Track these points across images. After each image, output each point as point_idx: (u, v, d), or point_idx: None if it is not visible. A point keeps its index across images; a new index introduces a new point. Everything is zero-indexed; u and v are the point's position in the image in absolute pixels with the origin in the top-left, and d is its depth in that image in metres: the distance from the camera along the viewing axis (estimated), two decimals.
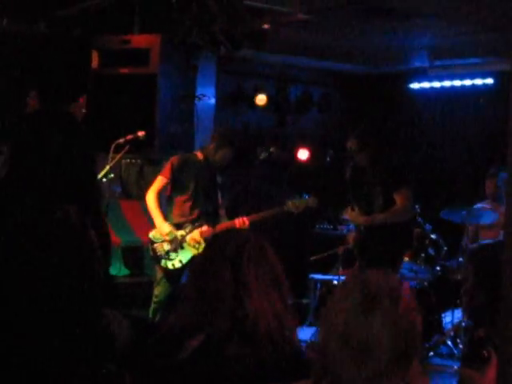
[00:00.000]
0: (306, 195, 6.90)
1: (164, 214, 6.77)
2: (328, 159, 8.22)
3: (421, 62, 9.54)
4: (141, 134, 6.60)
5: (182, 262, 6.69)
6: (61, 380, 2.15)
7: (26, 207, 2.42)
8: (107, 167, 6.25)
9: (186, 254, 6.70)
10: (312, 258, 8.27)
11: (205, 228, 6.69)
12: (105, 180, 6.05)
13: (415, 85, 10.17)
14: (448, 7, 6.49)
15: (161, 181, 6.84)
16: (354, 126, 7.29)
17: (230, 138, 6.96)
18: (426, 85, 10.06)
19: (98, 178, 5.56)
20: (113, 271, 7.16)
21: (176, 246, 6.70)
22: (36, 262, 2.31)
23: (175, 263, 6.69)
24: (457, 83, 9.72)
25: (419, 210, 8.01)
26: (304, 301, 8.64)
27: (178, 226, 6.78)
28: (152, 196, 6.78)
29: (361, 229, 6.86)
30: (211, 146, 6.93)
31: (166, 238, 6.71)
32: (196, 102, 7.94)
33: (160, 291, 6.76)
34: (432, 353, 7.32)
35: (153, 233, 6.80)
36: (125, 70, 7.34)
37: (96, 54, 7.35)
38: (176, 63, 7.49)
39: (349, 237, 7.29)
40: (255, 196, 6.94)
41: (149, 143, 6.98)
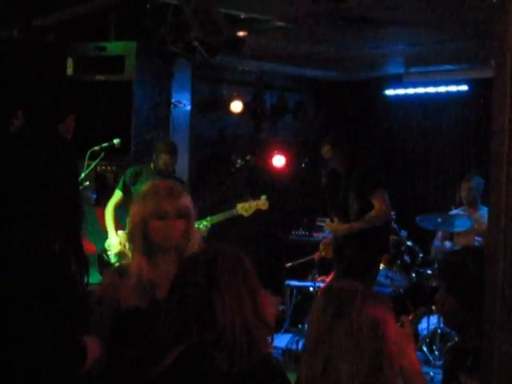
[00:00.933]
0: (263, 197, 6.86)
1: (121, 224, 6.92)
2: (303, 166, 8.24)
3: (396, 69, 9.58)
4: (116, 141, 6.58)
5: None
6: None
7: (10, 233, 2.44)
8: (82, 175, 6.22)
9: None
10: (288, 265, 8.26)
11: None
12: (80, 188, 6.03)
13: (390, 91, 10.21)
14: (422, 15, 6.53)
15: (116, 194, 7.08)
16: (329, 132, 7.31)
17: (164, 146, 7.00)
18: (401, 91, 10.10)
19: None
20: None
21: (123, 256, 6.89)
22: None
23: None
24: (431, 90, 9.77)
25: (395, 217, 8.03)
26: (280, 307, 8.62)
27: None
28: (109, 208, 7.06)
29: (338, 236, 6.85)
30: (158, 151, 6.95)
31: (113, 250, 6.92)
32: (172, 109, 7.94)
33: None
34: None
35: (106, 242, 7.00)
36: (100, 77, 7.32)
37: (71, 61, 7.33)
38: (151, 70, 7.48)
39: (321, 245, 7.26)
40: (230, 203, 6.91)
41: (124, 150, 6.96)
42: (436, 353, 7.23)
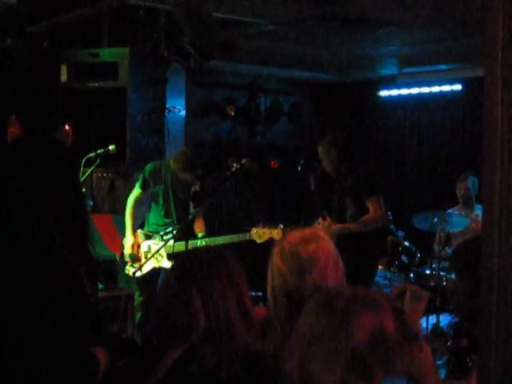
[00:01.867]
0: (280, 226, 6.83)
1: (142, 221, 7.02)
2: (299, 168, 8.24)
3: (389, 69, 9.60)
4: (111, 147, 6.59)
5: (142, 272, 6.76)
6: None
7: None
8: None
9: (148, 265, 6.80)
10: None
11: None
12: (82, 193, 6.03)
13: (384, 92, 10.23)
14: (415, 15, 6.55)
15: (136, 190, 7.07)
16: (324, 134, 7.30)
17: (193, 163, 6.95)
18: (394, 92, 10.12)
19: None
20: None
21: (138, 256, 6.95)
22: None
23: (136, 273, 6.81)
24: (425, 90, 9.78)
25: (391, 218, 8.04)
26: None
27: (148, 237, 6.98)
28: (128, 205, 7.03)
29: (333, 238, 6.84)
30: (179, 164, 6.94)
31: (126, 250, 6.95)
32: (166, 114, 7.93)
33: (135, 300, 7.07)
34: None
35: (124, 240, 7.02)
36: (94, 84, 7.31)
37: (65, 68, 7.32)
38: (145, 76, 7.46)
39: None
40: (227, 208, 6.92)
41: (120, 157, 6.96)
42: (436, 352, 7.23)
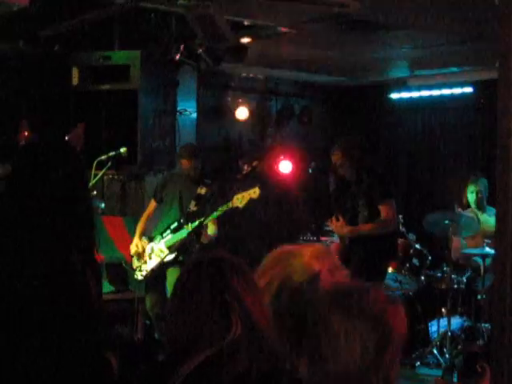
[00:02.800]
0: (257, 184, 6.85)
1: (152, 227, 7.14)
2: (310, 171, 8.23)
3: (401, 72, 9.58)
4: (123, 150, 6.60)
5: (147, 271, 6.95)
6: None
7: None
8: (90, 184, 6.22)
9: (151, 263, 6.95)
10: None
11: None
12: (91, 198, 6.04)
13: (395, 95, 10.21)
14: (426, 19, 6.53)
15: (151, 204, 7.31)
16: (335, 137, 7.31)
17: (195, 149, 7.19)
18: (405, 95, 10.10)
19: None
20: None
21: (144, 259, 7.04)
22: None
23: (142, 274, 7.00)
24: (436, 92, 9.76)
25: (402, 220, 8.02)
26: None
27: (151, 239, 7.07)
28: (142, 218, 7.25)
29: (345, 240, 6.85)
30: (183, 154, 7.08)
31: (134, 254, 7.06)
32: (177, 117, 7.95)
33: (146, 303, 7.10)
34: (418, 362, 7.32)
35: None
36: (105, 87, 7.34)
37: (76, 71, 7.35)
38: (157, 79, 7.49)
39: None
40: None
41: (131, 159, 6.97)
42: (446, 356, 7.21)
